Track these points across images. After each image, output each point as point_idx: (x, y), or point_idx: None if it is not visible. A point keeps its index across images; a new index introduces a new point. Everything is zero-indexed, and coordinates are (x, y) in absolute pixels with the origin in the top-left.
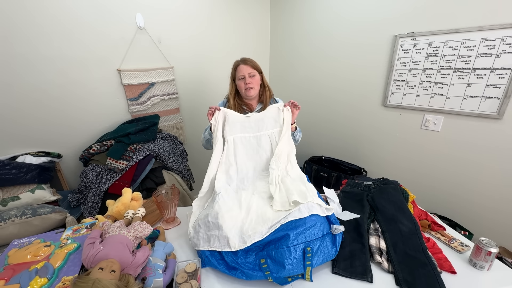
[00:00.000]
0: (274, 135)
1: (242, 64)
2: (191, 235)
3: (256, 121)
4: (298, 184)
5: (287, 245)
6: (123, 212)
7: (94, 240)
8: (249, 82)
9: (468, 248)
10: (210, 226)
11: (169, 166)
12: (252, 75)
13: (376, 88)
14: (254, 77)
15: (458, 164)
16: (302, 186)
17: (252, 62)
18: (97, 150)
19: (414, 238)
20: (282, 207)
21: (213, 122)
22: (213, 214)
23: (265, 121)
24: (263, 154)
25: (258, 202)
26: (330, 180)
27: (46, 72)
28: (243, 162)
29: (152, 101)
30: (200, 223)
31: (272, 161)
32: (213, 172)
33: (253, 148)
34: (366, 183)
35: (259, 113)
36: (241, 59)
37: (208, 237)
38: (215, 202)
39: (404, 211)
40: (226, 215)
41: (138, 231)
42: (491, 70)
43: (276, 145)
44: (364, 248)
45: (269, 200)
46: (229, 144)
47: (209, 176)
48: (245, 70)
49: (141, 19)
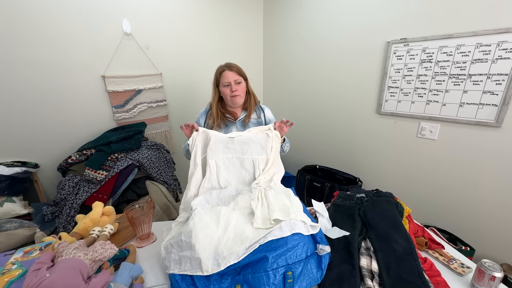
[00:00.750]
0: (258, 162)
1: (227, 70)
2: (162, 256)
3: (241, 144)
4: (281, 198)
5: (265, 269)
6: (91, 229)
7: (41, 266)
8: (235, 90)
9: (469, 270)
10: (182, 246)
11: (154, 176)
12: (238, 82)
13: (370, 95)
14: (240, 84)
15: (456, 174)
16: (286, 200)
17: (238, 68)
18: (76, 160)
19: (409, 259)
20: (263, 225)
21: (190, 143)
22: (187, 232)
23: (251, 145)
24: (246, 174)
25: (238, 218)
26: (324, 191)
27: (26, 77)
28: (226, 180)
29: (138, 108)
30: (173, 243)
31: (258, 179)
32: (191, 198)
33: (236, 168)
34: (358, 195)
35: (244, 135)
36: (226, 64)
37: (180, 258)
38: (190, 218)
39: (399, 227)
40: (201, 233)
41: (99, 253)
42: (487, 76)
43: (260, 171)
44: (354, 270)
45: (251, 216)
46: (211, 168)
47: (188, 202)
48: (231, 77)
49: (127, 25)
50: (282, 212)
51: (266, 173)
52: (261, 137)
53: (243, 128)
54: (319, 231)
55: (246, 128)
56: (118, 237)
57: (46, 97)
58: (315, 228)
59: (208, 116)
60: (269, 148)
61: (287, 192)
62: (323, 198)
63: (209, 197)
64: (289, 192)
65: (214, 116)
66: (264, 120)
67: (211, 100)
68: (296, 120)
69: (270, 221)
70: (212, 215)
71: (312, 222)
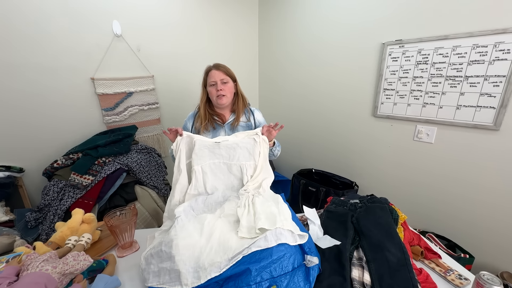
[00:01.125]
0: (246, 168)
1: (214, 70)
2: (142, 267)
3: (227, 149)
4: (269, 205)
5: (248, 283)
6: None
7: (2, 281)
8: (221, 89)
9: (467, 282)
10: (162, 257)
11: (143, 180)
12: (224, 82)
13: (366, 97)
14: (226, 84)
15: (454, 178)
16: (274, 207)
17: (226, 68)
18: (62, 164)
19: (403, 270)
20: (249, 234)
21: (174, 148)
22: (167, 241)
23: (237, 151)
24: (234, 180)
25: (223, 227)
26: (319, 196)
27: (11, 80)
28: (213, 186)
29: (129, 111)
30: (153, 253)
31: (247, 185)
32: (175, 205)
33: (223, 173)
34: (352, 201)
35: (230, 141)
36: (214, 64)
37: (159, 270)
38: (172, 227)
39: (393, 236)
40: (182, 242)
41: (70, 266)
42: (484, 78)
43: (248, 177)
44: (345, 282)
45: (237, 225)
46: (197, 175)
47: (172, 210)
48: (217, 76)
49: (118, 27)
50: (268, 221)
51: (255, 179)
52: (248, 143)
53: (231, 131)
54: (308, 240)
55: (235, 132)
56: (99, 246)
57: (32, 99)
58: (303, 238)
59: (196, 119)
60: (257, 154)
61: (275, 199)
62: (318, 203)
63: (194, 203)
64: (278, 198)
65: (201, 117)
66: (254, 124)
67: (199, 102)
68: (292, 122)
69: (256, 230)
70: (195, 223)
71: (301, 231)
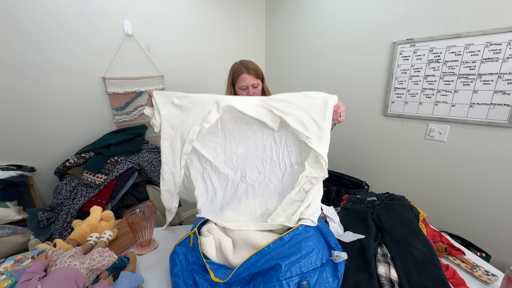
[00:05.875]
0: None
1: (245, 73)
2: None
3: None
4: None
5: (278, 278)
6: (88, 235)
7: (32, 276)
8: (253, 94)
9: (495, 278)
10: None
11: (154, 180)
12: (255, 86)
13: (376, 96)
14: (257, 88)
15: (468, 175)
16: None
17: (255, 69)
18: (74, 163)
19: (431, 266)
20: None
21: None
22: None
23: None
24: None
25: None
26: (330, 195)
27: (24, 78)
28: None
29: (139, 110)
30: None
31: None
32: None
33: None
34: (369, 199)
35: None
36: (243, 65)
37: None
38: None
39: (417, 232)
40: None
41: (96, 261)
42: (498, 75)
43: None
44: (372, 279)
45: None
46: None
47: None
48: (249, 81)
49: (129, 26)
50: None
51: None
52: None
53: None
54: (333, 236)
55: None
56: (117, 244)
57: (44, 98)
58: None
59: None
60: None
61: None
62: (329, 202)
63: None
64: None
65: None
66: None
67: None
68: None
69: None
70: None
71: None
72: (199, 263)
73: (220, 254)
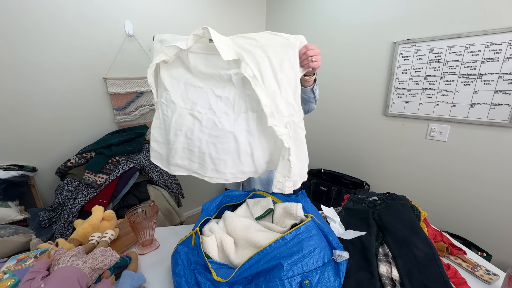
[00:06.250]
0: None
1: None
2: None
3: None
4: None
5: (280, 278)
6: (90, 235)
7: (35, 275)
8: None
9: (496, 277)
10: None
11: (155, 180)
12: None
13: (376, 96)
14: None
15: (469, 175)
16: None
17: None
18: (75, 163)
19: (433, 265)
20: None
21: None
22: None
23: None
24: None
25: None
26: (331, 195)
27: (25, 78)
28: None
29: (140, 111)
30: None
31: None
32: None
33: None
34: (370, 199)
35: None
36: None
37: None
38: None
39: (418, 231)
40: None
41: (99, 261)
42: (499, 75)
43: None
44: (374, 278)
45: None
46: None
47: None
48: None
49: (130, 27)
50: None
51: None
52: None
53: None
54: (334, 235)
55: None
56: (118, 243)
57: (45, 98)
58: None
59: None
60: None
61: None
62: (330, 202)
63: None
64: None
65: None
66: None
67: None
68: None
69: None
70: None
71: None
72: (201, 263)
73: (222, 254)
